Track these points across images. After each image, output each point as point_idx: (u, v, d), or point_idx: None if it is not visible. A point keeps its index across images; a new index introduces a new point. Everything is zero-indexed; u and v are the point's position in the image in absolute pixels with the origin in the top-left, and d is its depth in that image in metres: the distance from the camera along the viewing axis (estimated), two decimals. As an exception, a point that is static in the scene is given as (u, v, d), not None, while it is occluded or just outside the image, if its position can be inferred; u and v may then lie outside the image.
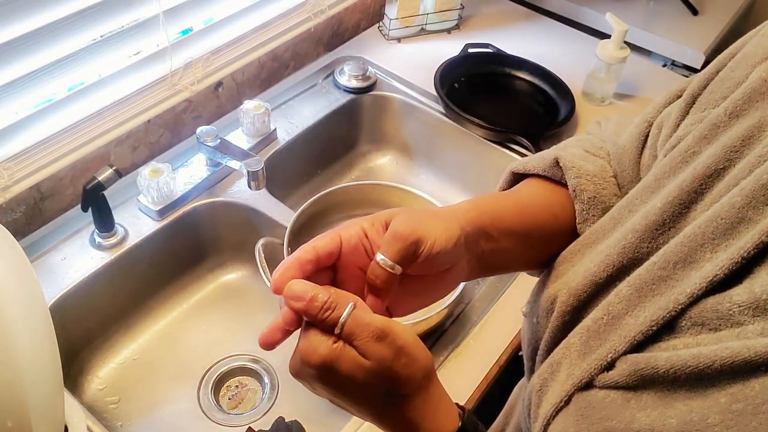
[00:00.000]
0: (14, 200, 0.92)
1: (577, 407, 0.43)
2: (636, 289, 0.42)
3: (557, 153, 0.58)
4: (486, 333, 0.92)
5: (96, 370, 1.00)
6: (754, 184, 0.38)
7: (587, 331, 0.45)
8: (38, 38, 0.85)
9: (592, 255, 0.49)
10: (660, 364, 0.38)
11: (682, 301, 0.39)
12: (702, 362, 0.35)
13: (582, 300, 0.47)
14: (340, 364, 0.40)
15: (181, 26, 1.04)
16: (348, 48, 1.38)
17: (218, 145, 1.01)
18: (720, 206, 0.40)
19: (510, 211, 0.54)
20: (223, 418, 0.96)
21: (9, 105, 0.86)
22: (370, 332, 0.40)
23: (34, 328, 0.43)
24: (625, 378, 0.40)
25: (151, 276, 1.04)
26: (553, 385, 0.46)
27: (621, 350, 0.41)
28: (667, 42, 1.40)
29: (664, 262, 0.41)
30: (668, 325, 0.39)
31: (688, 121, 0.48)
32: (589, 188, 0.55)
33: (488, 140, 1.19)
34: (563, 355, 0.46)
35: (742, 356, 0.34)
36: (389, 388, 0.41)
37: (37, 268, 0.92)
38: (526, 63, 1.32)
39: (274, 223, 1.03)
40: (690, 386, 0.36)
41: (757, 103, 0.42)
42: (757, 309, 0.35)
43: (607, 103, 1.28)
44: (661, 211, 0.44)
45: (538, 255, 0.56)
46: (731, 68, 0.47)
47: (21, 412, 0.40)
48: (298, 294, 0.40)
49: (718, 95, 0.46)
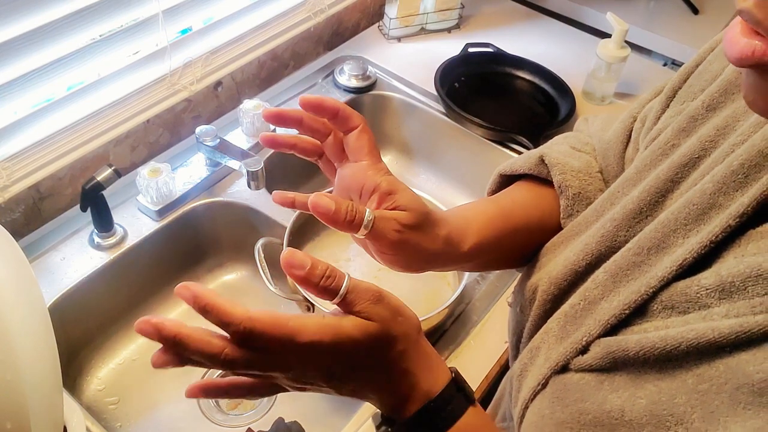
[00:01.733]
0: (13, 200, 0.91)
1: (553, 390, 0.44)
2: (611, 275, 0.43)
3: (542, 151, 0.59)
4: (486, 332, 0.92)
5: (95, 370, 0.99)
6: (725, 171, 0.39)
7: (565, 316, 0.46)
8: (37, 38, 0.84)
9: (573, 245, 0.50)
10: (630, 346, 0.38)
11: (653, 285, 0.40)
12: (669, 344, 0.36)
13: (562, 288, 0.48)
14: (349, 333, 0.40)
15: (180, 26, 1.04)
16: (348, 47, 1.38)
17: (218, 144, 1.00)
18: (692, 193, 0.40)
19: (497, 222, 0.55)
20: (223, 419, 0.95)
21: (8, 104, 0.86)
22: (369, 296, 0.41)
23: (33, 328, 0.43)
24: (598, 361, 0.41)
25: (151, 276, 1.04)
26: (531, 370, 0.48)
27: (595, 334, 0.42)
28: (667, 41, 1.40)
29: (638, 248, 0.42)
30: (640, 309, 0.40)
31: (668, 113, 0.49)
32: (574, 184, 0.56)
33: (488, 140, 1.19)
34: (542, 340, 0.48)
35: (706, 337, 0.35)
36: (390, 344, 0.42)
37: (36, 269, 0.92)
38: (527, 62, 1.31)
39: (273, 223, 1.03)
40: (659, 368, 0.37)
41: (733, 95, 0.43)
42: (723, 292, 0.36)
43: (607, 103, 1.27)
44: (638, 200, 0.45)
45: (522, 254, 0.57)
46: (709, 61, 0.47)
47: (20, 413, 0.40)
48: (299, 262, 0.40)
49: (696, 88, 0.47)
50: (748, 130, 0.40)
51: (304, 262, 0.40)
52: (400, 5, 1.34)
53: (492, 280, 0.99)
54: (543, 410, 0.44)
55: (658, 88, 0.56)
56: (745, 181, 0.38)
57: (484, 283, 0.99)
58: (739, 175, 0.38)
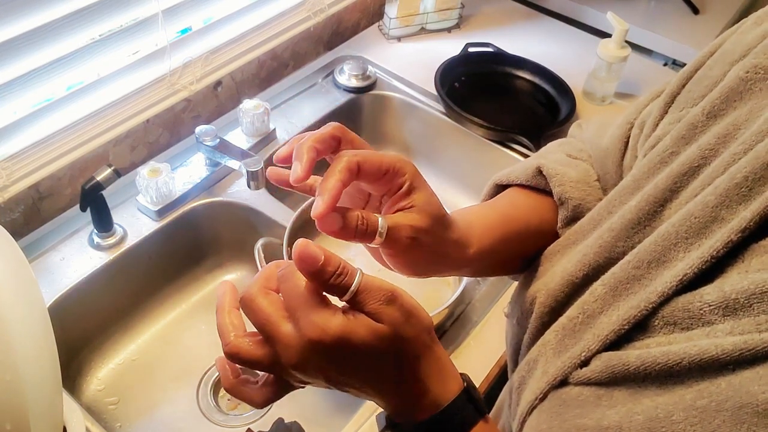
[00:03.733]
0: (13, 200, 0.91)
1: (551, 404, 0.43)
2: (610, 288, 0.43)
3: (539, 161, 0.57)
4: (486, 333, 0.91)
5: (95, 370, 0.99)
6: (728, 183, 0.38)
7: (563, 329, 0.45)
8: (37, 37, 0.84)
9: (570, 255, 0.49)
10: (631, 360, 0.38)
11: (653, 300, 0.39)
12: (671, 359, 0.36)
13: (560, 300, 0.47)
14: (356, 333, 0.38)
15: (180, 25, 1.03)
16: (348, 47, 1.38)
17: (217, 144, 1.00)
18: (694, 205, 0.40)
19: (497, 226, 0.54)
20: (223, 419, 0.95)
21: (7, 104, 0.86)
22: (381, 296, 0.39)
23: (32, 328, 0.43)
24: (598, 374, 0.40)
25: (150, 276, 1.03)
26: (529, 383, 0.47)
27: (595, 349, 0.41)
28: (668, 41, 1.40)
29: (638, 261, 0.42)
30: (642, 325, 0.40)
31: (667, 120, 0.48)
32: (575, 195, 0.55)
33: (489, 140, 1.19)
34: (539, 352, 0.47)
35: (709, 354, 0.34)
36: (400, 349, 0.40)
37: (35, 269, 0.92)
38: (527, 62, 1.31)
39: (273, 223, 1.02)
40: (659, 383, 0.37)
41: (735, 102, 0.42)
42: (727, 308, 0.35)
43: (608, 103, 1.27)
44: (636, 210, 0.44)
45: (521, 259, 0.57)
46: (709, 66, 0.47)
47: (19, 414, 0.40)
48: (312, 256, 0.37)
49: (696, 94, 0.46)
50: (750, 138, 0.39)
51: (317, 256, 0.37)
52: (400, 5, 1.34)
53: (492, 281, 0.99)
54: (540, 425, 0.43)
55: (655, 93, 0.55)
56: (749, 194, 0.37)
57: (484, 284, 0.99)
58: (743, 188, 0.37)
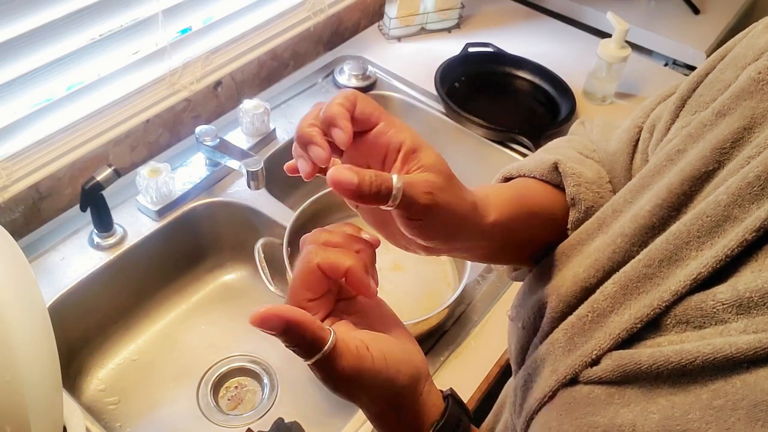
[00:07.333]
0: (13, 200, 0.91)
1: (561, 402, 0.43)
2: (621, 287, 0.42)
3: (556, 157, 0.57)
4: (486, 333, 0.91)
5: (95, 370, 0.99)
6: (740, 182, 0.38)
7: (572, 327, 0.45)
8: (37, 37, 0.84)
9: (580, 258, 0.49)
10: (643, 359, 0.38)
11: (666, 299, 0.39)
12: (684, 358, 0.36)
13: (572, 305, 0.47)
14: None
15: (180, 25, 1.03)
16: (348, 47, 1.38)
17: (217, 144, 1.00)
18: (706, 204, 0.40)
19: (514, 202, 0.53)
20: (223, 419, 0.95)
21: (7, 104, 0.86)
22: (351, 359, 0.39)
23: (32, 328, 0.43)
24: (609, 373, 0.40)
25: (150, 276, 1.03)
26: (537, 381, 0.47)
27: (606, 347, 0.41)
28: (668, 41, 1.40)
29: (649, 260, 0.41)
30: (653, 323, 0.40)
31: (678, 124, 0.48)
32: (588, 197, 0.55)
33: (489, 140, 1.19)
34: (547, 351, 0.47)
35: (723, 353, 0.34)
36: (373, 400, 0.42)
37: (35, 269, 0.92)
38: (527, 62, 1.31)
39: (273, 223, 1.02)
40: (673, 382, 0.36)
41: (745, 101, 0.42)
42: (741, 307, 0.35)
43: (608, 103, 1.27)
44: (650, 215, 0.44)
45: (532, 243, 0.55)
46: (720, 70, 0.46)
47: (19, 414, 0.40)
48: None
49: (707, 98, 0.46)
50: (764, 141, 0.39)
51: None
52: (400, 5, 1.34)
53: (492, 281, 0.99)
54: (550, 422, 0.43)
55: (662, 95, 0.55)
56: (762, 193, 0.37)
57: (484, 284, 0.99)
58: (755, 188, 0.37)
